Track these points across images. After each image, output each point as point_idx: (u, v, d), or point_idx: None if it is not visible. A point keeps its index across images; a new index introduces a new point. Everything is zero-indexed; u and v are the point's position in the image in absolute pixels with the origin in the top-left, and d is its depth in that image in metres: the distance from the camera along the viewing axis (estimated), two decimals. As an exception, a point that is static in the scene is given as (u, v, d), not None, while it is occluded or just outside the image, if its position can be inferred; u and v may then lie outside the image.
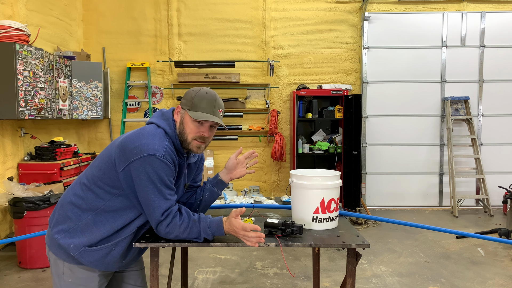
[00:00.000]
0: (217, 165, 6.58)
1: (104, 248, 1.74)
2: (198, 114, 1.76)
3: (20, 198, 3.83)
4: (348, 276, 1.81)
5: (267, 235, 1.84)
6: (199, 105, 1.77)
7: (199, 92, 1.81)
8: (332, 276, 3.82)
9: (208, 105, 1.78)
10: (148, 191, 1.67)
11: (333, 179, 2.00)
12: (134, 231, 1.79)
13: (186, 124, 1.79)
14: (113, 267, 1.82)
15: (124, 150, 1.69)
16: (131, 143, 1.69)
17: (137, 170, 1.67)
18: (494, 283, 3.65)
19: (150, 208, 1.69)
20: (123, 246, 1.78)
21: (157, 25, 6.49)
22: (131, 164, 1.67)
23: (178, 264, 3.49)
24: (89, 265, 1.75)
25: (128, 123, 6.53)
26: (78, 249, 1.72)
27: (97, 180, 1.74)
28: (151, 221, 1.72)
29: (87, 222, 1.74)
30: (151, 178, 1.66)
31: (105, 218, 1.74)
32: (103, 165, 1.75)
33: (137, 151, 1.66)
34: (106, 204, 1.74)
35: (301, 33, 6.55)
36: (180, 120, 1.81)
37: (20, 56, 4.25)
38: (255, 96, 6.60)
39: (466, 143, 6.53)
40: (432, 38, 6.51)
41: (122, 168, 1.69)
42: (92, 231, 1.73)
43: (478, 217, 6.03)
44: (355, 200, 5.91)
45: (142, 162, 1.66)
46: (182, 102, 1.83)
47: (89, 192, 1.75)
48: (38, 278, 3.76)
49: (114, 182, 1.72)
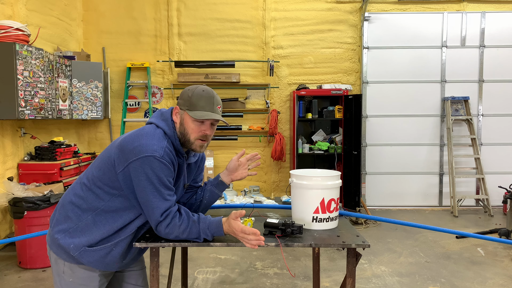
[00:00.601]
0: (217, 165, 6.58)
1: (104, 248, 1.74)
2: (199, 113, 1.75)
3: (20, 198, 3.84)
4: (348, 276, 1.81)
5: (267, 235, 1.84)
6: (198, 104, 1.76)
7: (196, 91, 1.79)
8: (332, 276, 3.82)
9: (206, 103, 1.77)
10: (147, 192, 1.67)
11: (333, 179, 2.00)
12: (134, 231, 1.79)
13: (186, 124, 1.78)
14: (113, 267, 1.82)
15: (123, 151, 1.70)
16: (130, 143, 1.69)
17: (136, 170, 1.67)
18: (494, 283, 3.65)
19: (149, 208, 1.69)
20: (123, 246, 1.78)
21: (157, 25, 6.49)
22: (130, 164, 1.67)
23: (178, 264, 3.49)
24: (89, 265, 1.75)
25: (128, 123, 6.53)
26: (78, 249, 1.72)
27: (96, 180, 1.75)
28: (151, 221, 1.72)
29: (87, 222, 1.74)
30: (150, 178, 1.66)
31: (105, 219, 1.74)
32: (102, 165, 1.75)
33: (136, 151, 1.66)
34: (106, 204, 1.74)
35: (301, 33, 6.55)
36: (180, 121, 1.79)
37: (20, 56, 4.25)
38: (255, 96, 6.60)
39: (466, 143, 6.53)
40: (432, 38, 6.51)
41: (121, 169, 1.69)
42: (92, 231, 1.73)
43: (478, 217, 6.03)
44: (355, 200, 5.91)
45: (141, 163, 1.65)
46: (180, 103, 1.81)
47: (89, 192, 1.75)
48: (38, 278, 3.76)
49: (113, 183, 1.72)
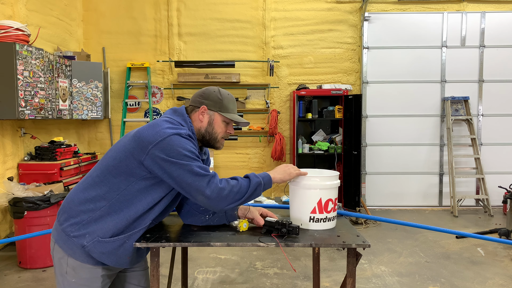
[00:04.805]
0: (217, 165, 6.58)
1: (118, 240, 1.74)
2: (235, 116, 1.92)
3: (20, 198, 3.84)
4: (348, 276, 1.81)
5: (265, 234, 1.86)
6: (229, 106, 1.91)
7: (223, 93, 1.92)
8: (332, 276, 3.82)
9: (234, 106, 1.95)
10: (183, 168, 1.67)
11: (331, 179, 1.99)
12: (147, 224, 1.79)
13: (216, 124, 1.89)
14: (124, 262, 1.81)
15: (142, 138, 1.69)
16: (151, 129, 1.70)
17: (164, 150, 1.66)
18: (494, 283, 3.66)
19: (191, 182, 1.68)
20: (136, 239, 1.78)
21: (157, 25, 6.50)
22: (157, 145, 1.66)
23: (178, 264, 3.50)
24: (99, 257, 1.74)
25: (128, 123, 6.53)
26: (92, 239, 1.72)
27: (112, 169, 1.74)
28: (197, 196, 1.71)
29: (101, 213, 1.73)
30: (181, 152, 1.67)
31: (120, 208, 1.73)
32: (117, 155, 1.74)
33: (160, 134, 1.68)
34: (120, 193, 1.73)
35: (301, 33, 6.55)
36: (209, 121, 1.88)
37: (20, 56, 4.25)
38: (255, 96, 6.60)
39: (466, 143, 6.53)
40: (432, 38, 6.51)
41: (146, 153, 1.68)
42: (106, 221, 1.73)
43: (478, 217, 6.03)
44: (355, 200, 5.91)
45: (168, 141, 1.66)
46: (208, 104, 1.87)
47: (102, 184, 1.75)
48: (38, 278, 3.76)
49: (131, 170, 1.72)
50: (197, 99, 1.90)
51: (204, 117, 1.87)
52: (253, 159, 6.65)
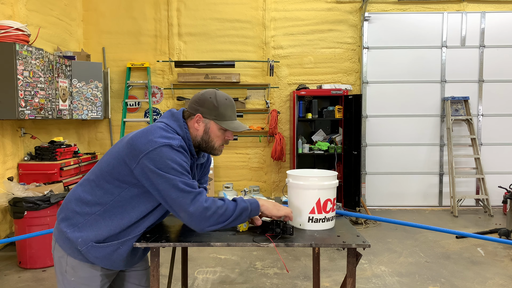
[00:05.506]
0: (217, 165, 6.59)
1: (111, 246, 1.74)
2: (231, 124, 1.82)
3: (20, 198, 3.84)
4: (348, 276, 1.81)
5: (260, 234, 1.86)
6: (226, 113, 1.81)
7: (219, 100, 1.81)
8: (332, 276, 3.82)
9: (232, 111, 1.84)
10: (168, 181, 1.63)
11: (329, 179, 1.99)
12: (141, 232, 1.79)
13: (212, 133, 1.82)
14: (118, 266, 1.82)
15: (134, 146, 1.67)
16: (144, 137, 1.67)
17: (153, 161, 1.63)
18: (494, 283, 3.66)
19: (175, 196, 1.64)
20: (130, 246, 1.78)
21: (157, 25, 6.50)
22: (147, 154, 1.64)
23: (178, 264, 3.50)
24: (95, 261, 1.75)
25: (128, 123, 6.53)
26: (86, 243, 1.72)
27: (106, 175, 1.74)
28: (179, 212, 1.66)
29: (95, 218, 1.73)
30: (169, 165, 1.63)
31: (113, 214, 1.73)
32: (112, 160, 1.74)
33: (151, 143, 1.64)
34: (114, 199, 1.73)
35: (301, 33, 6.55)
36: (205, 129, 1.81)
37: (20, 56, 4.25)
38: (255, 96, 6.60)
39: (466, 143, 6.53)
40: (432, 38, 6.52)
41: (136, 162, 1.66)
42: (100, 226, 1.73)
43: (478, 217, 6.03)
44: (355, 200, 5.91)
45: (159, 152, 1.63)
46: (203, 111, 1.80)
47: (97, 188, 1.75)
48: (38, 278, 3.76)
49: (123, 177, 1.71)
50: (193, 106, 1.83)
51: (200, 125, 1.82)
52: (253, 159, 6.65)
